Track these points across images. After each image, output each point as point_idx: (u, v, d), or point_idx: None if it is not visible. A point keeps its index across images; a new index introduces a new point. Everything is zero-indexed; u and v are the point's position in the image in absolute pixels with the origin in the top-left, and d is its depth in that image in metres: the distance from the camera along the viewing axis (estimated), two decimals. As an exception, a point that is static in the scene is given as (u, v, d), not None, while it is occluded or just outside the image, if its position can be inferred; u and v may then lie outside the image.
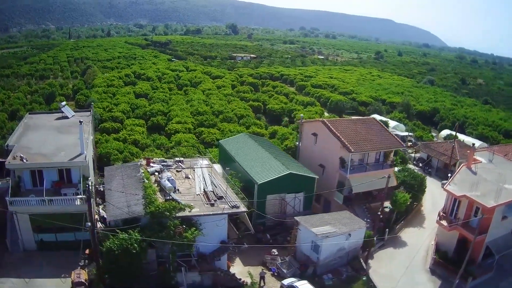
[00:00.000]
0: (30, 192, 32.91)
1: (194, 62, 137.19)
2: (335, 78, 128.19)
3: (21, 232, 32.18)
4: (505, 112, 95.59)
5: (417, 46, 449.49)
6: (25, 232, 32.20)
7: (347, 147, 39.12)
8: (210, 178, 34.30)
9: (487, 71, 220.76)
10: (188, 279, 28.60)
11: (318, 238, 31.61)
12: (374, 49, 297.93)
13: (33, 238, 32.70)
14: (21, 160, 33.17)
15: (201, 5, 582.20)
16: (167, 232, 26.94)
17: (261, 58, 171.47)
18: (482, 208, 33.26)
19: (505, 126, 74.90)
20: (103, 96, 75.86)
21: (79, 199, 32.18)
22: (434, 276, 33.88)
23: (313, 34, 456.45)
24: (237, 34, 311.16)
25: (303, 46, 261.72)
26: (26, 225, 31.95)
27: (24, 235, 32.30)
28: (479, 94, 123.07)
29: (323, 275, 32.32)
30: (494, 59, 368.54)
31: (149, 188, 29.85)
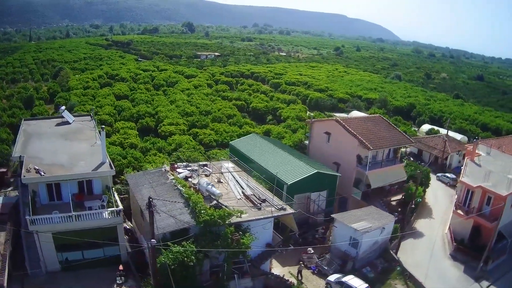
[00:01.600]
0: (47, 207, 30.74)
1: (161, 61, 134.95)
2: (304, 75, 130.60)
3: (43, 253, 29.57)
4: (477, 106, 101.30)
5: (371, 41, 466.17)
6: (47, 252, 29.65)
7: (365, 145, 40.48)
8: (243, 181, 34.19)
9: (447, 65, 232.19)
10: (241, 285, 28.48)
11: (358, 234, 32.66)
12: (331, 44, 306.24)
13: (57, 258, 30.24)
14: (37, 172, 31.04)
15: (154, 4, 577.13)
16: (224, 240, 26.57)
17: (225, 56, 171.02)
18: (496, 197, 36.01)
19: (482, 119, 79.25)
20: (83, 99, 72.50)
21: (110, 212, 30.78)
22: (456, 262, 36.07)
23: (267, 31, 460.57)
24: (194, 32, 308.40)
25: (261, 43, 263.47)
26: (48, 245, 29.45)
27: (47, 255, 29.74)
28: (445, 89, 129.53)
29: (361, 269, 33.45)
30: (450, 52, 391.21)
31: (193, 196, 29.20)
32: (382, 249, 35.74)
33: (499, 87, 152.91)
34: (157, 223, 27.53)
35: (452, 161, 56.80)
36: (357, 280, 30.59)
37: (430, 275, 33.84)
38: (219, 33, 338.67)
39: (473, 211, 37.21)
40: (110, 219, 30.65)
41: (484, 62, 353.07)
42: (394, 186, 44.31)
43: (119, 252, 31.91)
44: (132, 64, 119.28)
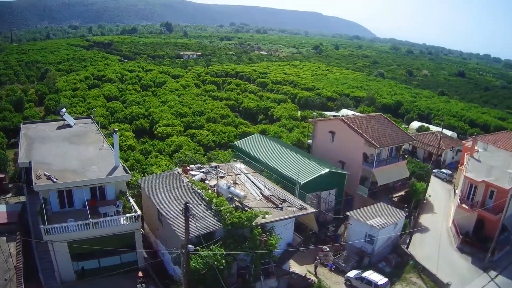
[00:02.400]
0: (59, 215, 29.90)
1: (144, 62, 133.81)
2: (289, 74, 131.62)
3: (58, 263, 28.70)
4: (462, 102, 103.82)
5: (348, 38, 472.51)
6: (62, 262, 28.74)
7: (372, 143, 41.31)
8: (259, 181, 34.34)
9: (426, 62, 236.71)
10: (266, 286, 28.66)
11: (375, 230, 33.41)
12: (309, 43, 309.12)
13: (72, 268, 29.35)
14: (49, 179, 30.18)
15: (131, 4, 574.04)
16: (252, 241, 26.66)
17: (207, 55, 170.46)
18: (500, 190, 37.56)
19: (469, 116, 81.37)
20: (73, 101, 70.83)
21: (128, 218, 30.11)
22: (463, 254, 37.38)
23: (244, 30, 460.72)
24: (172, 32, 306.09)
25: (240, 42, 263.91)
26: (64, 254, 28.58)
27: (62, 265, 28.84)
28: (428, 85, 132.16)
29: (377, 264, 34.25)
30: (428, 49, 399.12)
31: (217, 198, 29.13)
32: (394, 245, 36.69)
33: (481, 84, 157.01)
34: (181, 228, 27.42)
35: (446, 158, 58.60)
36: (377, 275, 31.37)
37: (441, 267, 34.96)
38: (197, 33, 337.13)
39: (477, 205, 38.63)
40: (128, 225, 30.03)
41: (462, 58, 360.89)
42: (397, 183, 45.41)
43: (136, 258, 31.37)
44: (116, 65, 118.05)
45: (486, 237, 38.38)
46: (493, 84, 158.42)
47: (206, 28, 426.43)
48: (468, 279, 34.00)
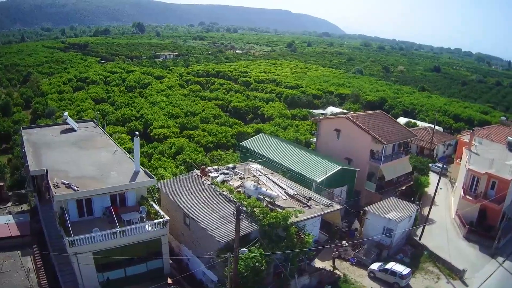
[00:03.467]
0: (78, 224, 28.70)
1: (123, 63, 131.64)
2: (269, 73, 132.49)
3: (82, 275, 27.46)
4: (443, 97, 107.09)
5: (318, 36, 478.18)
6: (87, 274, 27.56)
7: (379, 140, 42.56)
8: (281, 181, 34.74)
9: (400, 58, 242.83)
10: (300, 283, 29.16)
11: (393, 223, 34.60)
12: (281, 41, 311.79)
13: (97, 279, 28.30)
14: (68, 187, 28.93)
15: (101, 6, 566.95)
16: (289, 240, 27.05)
17: (184, 55, 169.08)
18: (501, 181, 39.69)
19: (453, 110, 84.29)
20: (61, 104, 68.59)
21: (156, 224, 29.43)
22: (470, 243, 39.26)
23: (214, 29, 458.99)
24: (144, 32, 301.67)
25: (214, 41, 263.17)
26: (89, 266, 27.52)
27: (86, 278, 27.66)
28: (406, 81, 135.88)
29: (396, 256, 35.50)
30: (398, 44, 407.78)
31: (248, 200, 29.30)
32: (407, 237, 38.08)
33: (457, 78, 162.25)
34: (217, 231, 27.45)
35: (438, 152, 61.02)
36: (400, 266, 32.62)
37: (452, 256, 36.56)
38: (169, 33, 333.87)
39: (480, 196, 40.64)
40: (155, 231, 29.48)
41: (433, 53, 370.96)
42: (401, 178, 46.97)
43: (162, 265, 30.92)
44: (96, 66, 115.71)
45: (489, 225, 40.50)
46: (469, 79, 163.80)
47: (177, 28, 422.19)
48: (479, 265, 35.76)
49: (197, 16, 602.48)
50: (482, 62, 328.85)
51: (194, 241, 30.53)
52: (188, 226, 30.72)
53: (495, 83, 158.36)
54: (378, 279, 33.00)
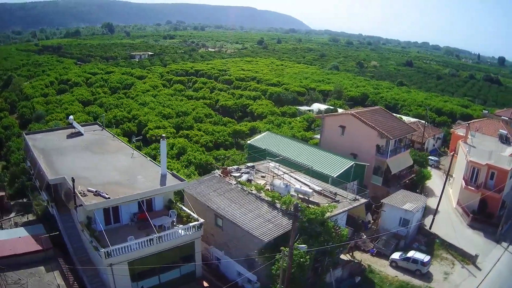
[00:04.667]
0: (105, 233, 27.09)
1: (101, 63, 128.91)
2: (247, 70, 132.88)
3: (117, 287, 26.72)
4: (422, 92, 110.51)
5: (284, 32, 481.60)
6: (121, 285, 26.79)
7: (386, 135, 44.18)
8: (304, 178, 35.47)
9: (370, 53, 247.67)
10: (334, 276, 30.07)
11: (410, 214, 36.25)
12: (250, 38, 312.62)
13: None
14: (97, 195, 27.81)
15: (70, 7, 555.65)
16: (327, 234, 27.83)
17: (159, 55, 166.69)
18: (501, 171, 42.31)
19: (434, 104, 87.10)
20: (49, 107, 66.22)
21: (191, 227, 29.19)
22: (475, 230, 41.65)
23: (181, 27, 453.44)
24: (114, 33, 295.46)
25: (184, 40, 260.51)
26: (124, 277, 26.79)
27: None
28: (382, 76, 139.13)
29: (412, 245, 37.19)
30: (364, 39, 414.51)
31: (284, 197, 29.81)
32: (418, 227, 39.92)
33: (430, 72, 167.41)
34: (258, 231, 27.78)
35: (428, 145, 63.76)
36: (420, 254, 34.41)
37: (461, 243, 38.72)
38: (138, 32, 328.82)
39: (481, 186, 43.13)
40: (190, 235, 29.33)
41: (401, 48, 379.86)
42: (403, 171, 48.93)
43: (194, 269, 30.79)
44: (75, 68, 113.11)
45: (490, 213, 43.10)
46: (442, 73, 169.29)
47: (145, 27, 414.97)
48: (486, 251, 38.03)
49: (164, 15, 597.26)
50: (451, 56, 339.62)
51: (227, 242, 30.64)
52: (221, 227, 30.77)
53: (468, 76, 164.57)
54: (400, 267, 34.56)
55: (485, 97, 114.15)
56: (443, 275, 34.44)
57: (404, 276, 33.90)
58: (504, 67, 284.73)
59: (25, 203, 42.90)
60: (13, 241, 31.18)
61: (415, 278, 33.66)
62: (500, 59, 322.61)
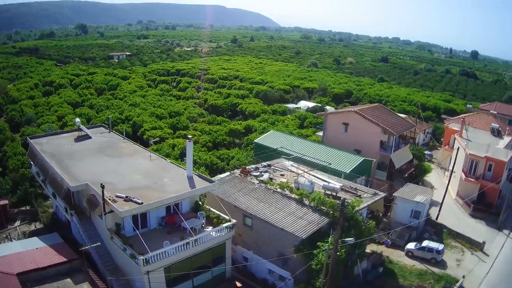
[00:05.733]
0: (132, 239, 27.21)
1: (81, 64, 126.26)
2: (228, 69, 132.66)
3: None
4: (402, 87, 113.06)
5: (254, 30, 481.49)
6: None
7: (390, 131, 45.68)
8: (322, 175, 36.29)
9: (344, 49, 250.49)
10: (361, 268, 31.07)
11: (421, 206, 37.88)
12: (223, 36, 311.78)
13: None
14: (128, 201, 27.15)
15: (42, 9, 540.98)
16: (357, 228, 28.73)
17: (137, 55, 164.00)
18: (498, 163, 44.70)
19: (418, 100, 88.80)
20: (38, 110, 64.02)
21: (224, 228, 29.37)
22: (477, 219, 43.88)
23: (152, 27, 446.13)
24: (87, 34, 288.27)
25: (158, 39, 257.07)
26: (160, 284, 26.44)
27: None
28: (360, 72, 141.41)
29: (423, 235, 38.85)
30: (335, 35, 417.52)
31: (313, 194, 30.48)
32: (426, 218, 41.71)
33: (407, 68, 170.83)
34: (294, 228, 28.31)
35: (419, 140, 66.19)
36: (434, 243, 36.04)
37: (466, 231, 40.74)
38: (111, 33, 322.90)
39: (480, 177, 45.41)
40: (223, 236, 29.57)
41: (373, 43, 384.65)
42: (404, 166, 50.72)
43: (224, 270, 31.06)
44: (57, 69, 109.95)
45: (488, 203, 45.44)
46: (419, 68, 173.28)
47: (117, 27, 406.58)
48: (490, 238, 40.16)
49: (135, 15, 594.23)
50: (423, 51, 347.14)
51: (257, 241, 30.94)
52: (251, 226, 31.05)
53: (444, 71, 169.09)
54: (416, 257, 36.01)
55: (464, 91, 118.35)
56: (455, 262, 36.20)
57: (420, 265, 35.40)
58: (477, 61, 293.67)
59: (30, 211, 41.55)
60: (31, 253, 30.05)
61: (431, 266, 35.22)
62: (473, 53, 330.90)
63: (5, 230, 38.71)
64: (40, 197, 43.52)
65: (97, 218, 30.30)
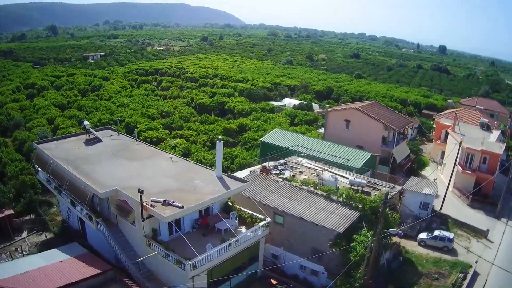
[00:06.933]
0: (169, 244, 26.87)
1: (57, 65, 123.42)
2: (205, 68, 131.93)
3: None
4: (378, 83, 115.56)
5: (220, 28, 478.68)
6: None
7: (391, 127, 47.56)
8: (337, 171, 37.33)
9: (314, 46, 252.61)
10: (385, 258, 32.38)
11: (430, 197, 39.88)
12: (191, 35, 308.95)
13: None
14: (167, 205, 26.52)
15: (10, 11, 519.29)
16: (386, 220, 29.89)
17: (111, 55, 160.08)
18: (493, 155, 47.46)
19: (398, 96, 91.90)
20: (26, 113, 61.65)
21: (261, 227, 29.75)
22: (475, 209, 46.51)
23: (120, 26, 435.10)
24: (58, 35, 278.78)
25: (128, 39, 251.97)
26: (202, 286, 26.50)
27: None
28: (334, 69, 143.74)
29: (431, 225, 40.82)
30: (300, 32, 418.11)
31: (341, 189, 31.39)
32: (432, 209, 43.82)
33: (379, 64, 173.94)
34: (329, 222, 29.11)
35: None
36: (445, 232, 38.07)
37: (468, 221, 43.20)
38: (80, 33, 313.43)
39: (476, 170, 48.01)
40: (258, 235, 29.92)
41: (339, 39, 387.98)
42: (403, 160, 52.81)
43: (257, 269, 31.50)
44: (36, 72, 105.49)
45: (484, 194, 48.13)
46: (391, 63, 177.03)
47: (86, 28, 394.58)
48: (491, 226, 42.80)
49: (101, 15, 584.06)
50: (390, 46, 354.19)
51: (288, 238, 31.47)
52: (282, 224, 31.51)
53: (416, 66, 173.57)
54: (429, 246, 37.84)
55: (440, 86, 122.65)
56: (465, 249, 38.32)
57: (434, 253, 37.26)
58: (445, 56, 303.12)
59: (36, 220, 39.78)
60: (57, 267, 28.12)
61: (444, 254, 37.18)
62: (440, 48, 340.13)
63: (13, 242, 36.95)
64: (44, 204, 41.90)
65: (126, 225, 29.66)
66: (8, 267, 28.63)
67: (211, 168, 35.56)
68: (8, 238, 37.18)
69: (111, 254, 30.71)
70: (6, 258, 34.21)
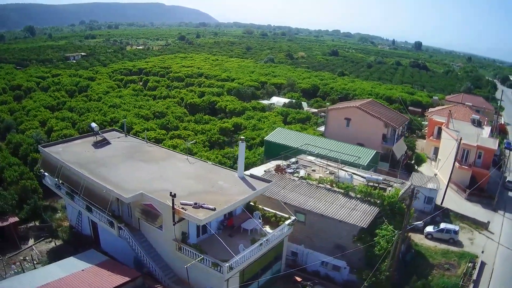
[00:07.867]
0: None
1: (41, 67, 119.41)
2: (188, 67, 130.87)
3: None
4: (363, 80, 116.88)
5: (195, 26, 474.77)
6: None
7: (392, 125, 48.92)
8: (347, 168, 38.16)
9: (291, 44, 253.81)
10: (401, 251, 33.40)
11: (434, 192, 41.32)
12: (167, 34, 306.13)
13: None
14: (198, 207, 26.29)
15: None
16: (401, 214, 30.91)
17: (92, 55, 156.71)
18: (487, 151, 49.60)
19: (383, 93, 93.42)
20: (17, 116, 59.57)
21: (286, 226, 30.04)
22: (473, 203, 48.56)
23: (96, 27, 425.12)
24: (35, 36, 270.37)
25: (106, 39, 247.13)
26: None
27: None
28: (315, 67, 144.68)
29: (434, 219, 42.29)
30: (274, 30, 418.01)
31: (359, 186, 32.15)
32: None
33: (358, 61, 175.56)
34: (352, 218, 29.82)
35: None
36: (450, 225, 39.70)
37: (467, 213, 45.08)
38: (57, 34, 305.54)
39: (472, 165, 50.05)
40: (284, 234, 30.27)
41: (314, 36, 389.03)
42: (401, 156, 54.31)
43: (280, 266, 31.89)
44: (20, 73, 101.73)
45: (480, 188, 50.20)
46: (369, 60, 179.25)
47: (62, 28, 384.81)
48: (490, 218, 44.78)
49: (77, 15, 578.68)
50: (366, 43, 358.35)
51: (309, 235, 31.98)
52: (304, 222, 31.96)
53: (395, 63, 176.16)
54: (435, 238, 39.40)
55: (421, 83, 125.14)
56: (469, 240, 40.08)
57: (441, 245, 38.84)
58: (421, 52, 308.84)
59: (42, 227, 38.46)
60: (80, 277, 26.65)
61: (450, 245, 38.75)
62: (416, 44, 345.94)
63: (20, 251, 35.60)
64: (49, 210, 40.70)
65: (150, 229, 29.23)
66: (25, 280, 26.71)
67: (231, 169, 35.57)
68: (14, 247, 35.81)
69: (128, 259, 30.21)
70: (16, 268, 32.96)
